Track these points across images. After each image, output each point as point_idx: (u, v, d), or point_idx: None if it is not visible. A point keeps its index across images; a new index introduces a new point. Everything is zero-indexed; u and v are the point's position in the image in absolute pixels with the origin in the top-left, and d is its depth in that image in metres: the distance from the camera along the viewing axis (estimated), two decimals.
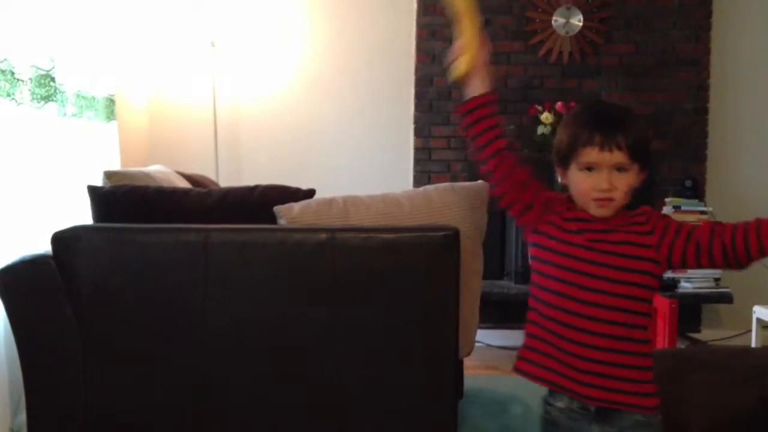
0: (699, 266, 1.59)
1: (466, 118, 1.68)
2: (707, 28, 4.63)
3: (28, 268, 2.14)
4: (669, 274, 4.37)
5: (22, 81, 2.92)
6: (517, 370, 1.67)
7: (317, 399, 2.14)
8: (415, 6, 4.65)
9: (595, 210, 1.58)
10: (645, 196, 4.57)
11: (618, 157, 1.53)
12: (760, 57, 4.73)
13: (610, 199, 1.56)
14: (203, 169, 4.19)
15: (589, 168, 1.55)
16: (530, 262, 1.67)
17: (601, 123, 1.56)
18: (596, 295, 1.54)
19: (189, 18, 4.61)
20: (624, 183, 1.56)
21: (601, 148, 1.53)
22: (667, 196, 4.52)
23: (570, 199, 1.64)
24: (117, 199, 2.39)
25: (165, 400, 2.15)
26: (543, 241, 1.63)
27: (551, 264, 1.60)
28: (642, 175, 1.60)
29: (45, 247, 2.17)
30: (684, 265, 1.59)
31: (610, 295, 1.54)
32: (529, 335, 1.65)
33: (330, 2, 4.78)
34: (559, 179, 1.65)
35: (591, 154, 1.54)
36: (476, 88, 1.67)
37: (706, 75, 4.65)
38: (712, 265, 1.59)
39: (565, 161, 1.61)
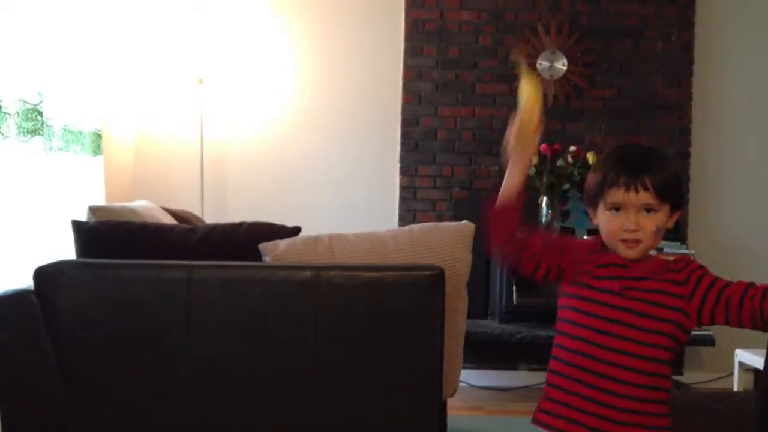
0: (726, 324, 1.60)
1: (494, 218, 1.73)
2: (689, 73, 4.72)
3: (8, 302, 2.12)
4: None
5: (9, 114, 2.92)
6: (537, 422, 1.62)
7: None
8: (402, 47, 4.71)
9: (623, 251, 1.57)
10: None
11: (645, 198, 1.53)
12: (741, 102, 4.82)
13: (638, 241, 1.55)
14: (189, 205, 4.19)
15: (617, 208, 1.55)
16: (559, 311, 1.65)
17: (627, 164, 1.57)
18: (624, 343, 1.53)
19: (177, 54, 4.65)
20: (651, 223, 1.55)
21: (627, 188, 1.53)
22: None
23: (601, 243, 1.63)
24: (101, 234, 2.38)
25: None
26: (580, 291, 1.60)
27: (583, 312, 1.58)
28: (674, 215, 1.60)
29: (27, 281, 2.15)
30: (712, 322, 1.60)
31: (638, 344, 1.53)
32: (551, 386, 1.61)
33: (318, 41, 4.83)
34: (591, 220, 1.66)
35: (617, 195, 1.55)
36: (514, 174, 1.74)
37: (687, 119, 4.72)
38: (740, 326, 1.60)
39: (593, 202, 1.61)
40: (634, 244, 1.55)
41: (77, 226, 2.40)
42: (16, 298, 2.11)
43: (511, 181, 1.74)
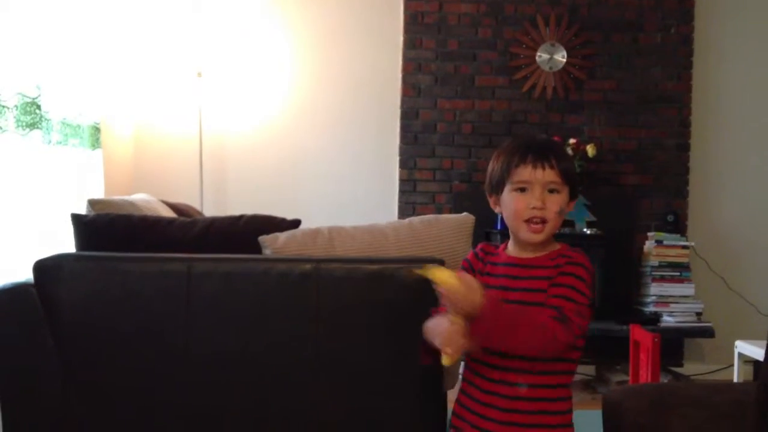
0: None
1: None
2: (688, 65, 4.71)
3: (8, 296, 2.12)
4: (651, 308, 4.40)
5: (8, 108, 2.92)
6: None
7: (299, 430, 2.12)
8: (401, 40, 4.71)
9: (527, 235, 1.61)
10: (628, 231, 4.61)
11: (550, 175, 1.60)
12: (740, 94, 4.82)
13: (544, 221, 1.60)
14: (188, 198, 4.19)
15: (522, 189, 1.61)
16: None
17: (533, 146, 1.65)
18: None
19: (176, 48, 4.64)
20: (556, 204, 1.61)
21: (534, 165, 1.60)
22: (650, 231, 4.56)
23: (497, 245, 1.71)
24: (101, 227, 2.38)
25: (147, 430, 2.12)
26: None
27: None
28: (571, 203, 1.65)
29: (27, 275, 2.15)
30: None
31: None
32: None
33: (317, 34, 4.82)
34: (494, 209, 1.71)
35: (524, 173, 1.61)
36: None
37: (687, 112, 4.72)
38: None
39: (498, 187, 1.67)
40: (539, 226, 1.60)
41: (77, 219, 2.40)
42: (16, 291, 2.11)
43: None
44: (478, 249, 1.77)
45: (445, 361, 1.51)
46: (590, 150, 4.43)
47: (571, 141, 4.43)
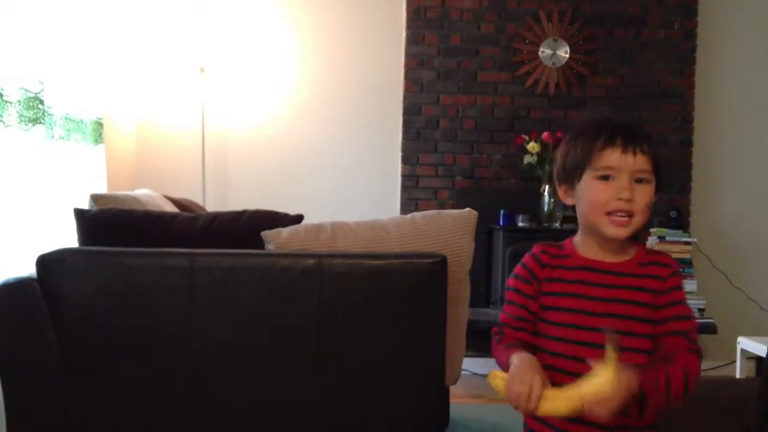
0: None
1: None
2: (692, 61, 4.70)
3: (11, 291, 2.12)
4: None
5: (10, 103, 2.92)
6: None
7: (302, 424, 2.12)
8: (404, 35, 4.70)
9: (610, 229, 1.38)
10: None
11: (641, 162, 1.37)
12: (743, 89, 4.81)
13: (630, 214, 1.37)
14: (190, 193, 4.19)
15: (606, 177, 1.38)
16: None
17: (621, 126, 1.40)
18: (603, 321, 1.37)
19: (179, 43, 4.64)
20: (645, 195, 1.38)
21: (624, 149, 1.37)
22: (652, 227, 4.55)
23: (561, 246, 1.49)
24: (103, 222, 2.38)
25: (149, 425, 2.12)
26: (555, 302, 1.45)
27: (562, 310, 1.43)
28: (655, 196, 1.43)
29: (30, 269, 2.16)
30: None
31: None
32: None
33: (320, 30, 4.81)
34: (564, 201, 1.48)
35: (612, 157, 1.37)
36: None
37: (690, 107, 4.71)
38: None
39: (573, 174, 1.42)
40: (625, 219, 1.37)
41: (79, 214, 2.40)
42: (19, 286, 2.11)
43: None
44: (537, 252, 1.50)
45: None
46: None
47: None
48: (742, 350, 3.65)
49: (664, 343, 1.37)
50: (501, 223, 4.44)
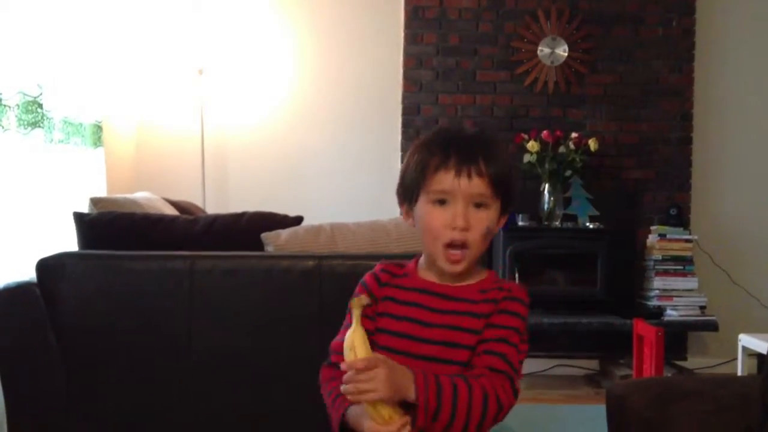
0: None
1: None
2: (690, 58, 4.70)
3: (11, 295, 2.12)
4: (655, 302, 4.39)
5: (9, 107, 2.92)
6: None
7: (302, 426, 2.12)
8: (402, 35, 4.70)
9: (445, 265, 1.29)
10: (631, 225, 4.60)
11: (477, 185, 1.26)
12: (742, 87, 4.80)
13: (464, 247, 1.27)
14: (190, 195, 4.19)
15: (441, 201, 1.27)
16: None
17: (457, 144, 1.28)
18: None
19: (177, 45, 4.63)
20: (481, 223, 1.27)
21: (458, 172, 1.25)
22: (653, 225, 4.55)
23: (401, 265, 1.39)
24: (103, 225, 2.38)
25: (149, 427, 2.12)
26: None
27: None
28: (502, 220, 1.32)
29: (30, 273, 2.16)
30: None
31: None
32: None
33: (318, 30, 4.81)
34: (406, 221, 1.38)
35: (444, 181, 1.26)
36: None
37: (689, 105, 4.71)
38: None
39: (410, 194, 1.32)
40: (458, 255, 1.27)
41: (79, 217, 2.40)
42: (19, 290, 2.11)
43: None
44: (378, 270, 1.41)
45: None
46: (592, 144, 4.42)
47: (573, 135, 4.42)
48: (744, 347, 3.65)
49: (476, 362, 1.26)
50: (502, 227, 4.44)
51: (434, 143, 1.30)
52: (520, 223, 4.38)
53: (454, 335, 1.29)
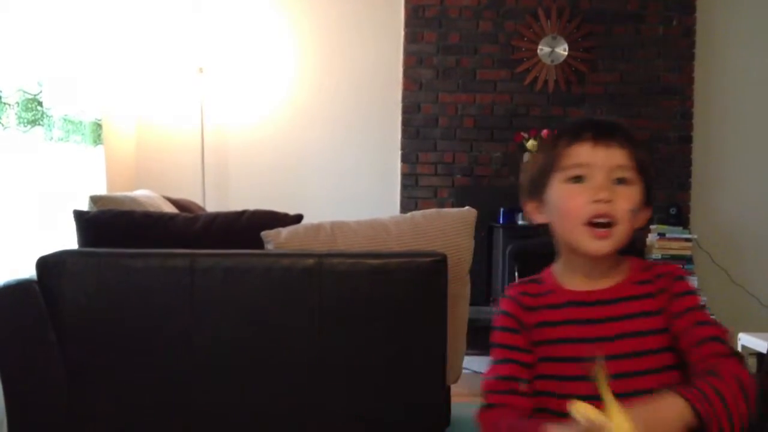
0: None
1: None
2: (690, 57, 4.70)
3: (11, 292, 2.12)
4: None
5: (9, 105, 2.92)
6: None
7: (302, 424, 2.12)
8: (402, 33, 4.69)
9: (589, 244, 1.13)
10: None
11: (618, 157, 1.13)
12: (742, 85, 4.80)
13: (610, 222, 1.12)
14: (190, 194, 4.19)
15: (578, 178, 1.14)
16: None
17: (591, 121, 1.19)
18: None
19: (177, 44, 4.63)
20: (627, 199, 1.13)
21: (595, 143, 1.13)
22: (652, 224, 4.55)
23: (540, 280, 1.23)
24: (103, 223, 2.38)
25: (150, 426, 2.12)
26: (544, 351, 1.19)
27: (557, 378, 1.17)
28: (646, 212, 1.18)
29: (30, 271, 2.15)
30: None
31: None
32: None
33: (318, 29, 4.81)
34: (535, 220, 1.22)
35: (581, 152, 1.14)
36: None
37: (689, 104, 4.71)
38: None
39: (540, 184, 1.18)
40: (606, 231, 1.12)
41: (79, 215, 2.40)
42: (19, 287, 2.11)
43: None
44: (515, 294, 1.23)
45: None
46: None
47: None
48: (743, 346, 3.65)
49: (694, 355, 1.10)
50: (501, 221, 4.44)
51: (563, 129, 1.20)
52: (520, 222, 4.38)
53: (639, 342, 1.14)
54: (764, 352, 3.29)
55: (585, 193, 1.13)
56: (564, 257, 1.22)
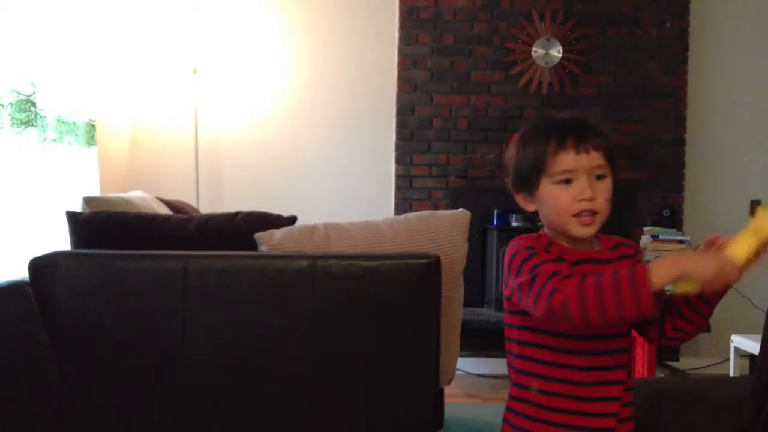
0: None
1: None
2: (684, 60, 4.71)
3: (4, 294, 2.11)
4: None
5: (2, 105, 2.91)
6: None
7: (296, 425, 2.12)
8: (396, 35, 4.70)
9: (578, 229, 1.39)
10: (623, 225, 4.61)
11: (595, 159, 1.37)
12: (735, 88, 4.82)
13: (594, 212, 1.38)
14: (184, 195, 4.18)
15: (566, 180, 1.38)
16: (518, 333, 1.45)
17: (568, 127, 1.40)
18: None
19: (171, 44, 4.62)
20: (605, 191, 1.39)
21: (577, 150, 1.37)
22: (646, 225, 4.56)
23: (540, 236, 1.45)
24: (96, 225, 2.38)
25: (143, 428, 2.12)
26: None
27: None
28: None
29: (22, 273, 2.15)
30: None
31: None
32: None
33: (312, 30, 4.81)
34: (525, 208, 1.46)
35: (566, 160, 1.37)
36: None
37: (683, 106, 4.72)
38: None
39: (530, 181, 1.41)
40: (591, 219, 1.38)
41: (72, 217, 2.40)
42: (12, 289, 2.10)
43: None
44: (526, 240, 1.44)
45: (686, 288, 1.40)
46: None
47: None
48: (736, 348, 3.67)
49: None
50: (495, 222, 4.45)
51: (544, 131, 1.41)
52: (514, 224, 4.39)
53: None
54: (756, 353, 3.31)
55: (572, 193, 1.38)
56: (551, 232, 1.45)
